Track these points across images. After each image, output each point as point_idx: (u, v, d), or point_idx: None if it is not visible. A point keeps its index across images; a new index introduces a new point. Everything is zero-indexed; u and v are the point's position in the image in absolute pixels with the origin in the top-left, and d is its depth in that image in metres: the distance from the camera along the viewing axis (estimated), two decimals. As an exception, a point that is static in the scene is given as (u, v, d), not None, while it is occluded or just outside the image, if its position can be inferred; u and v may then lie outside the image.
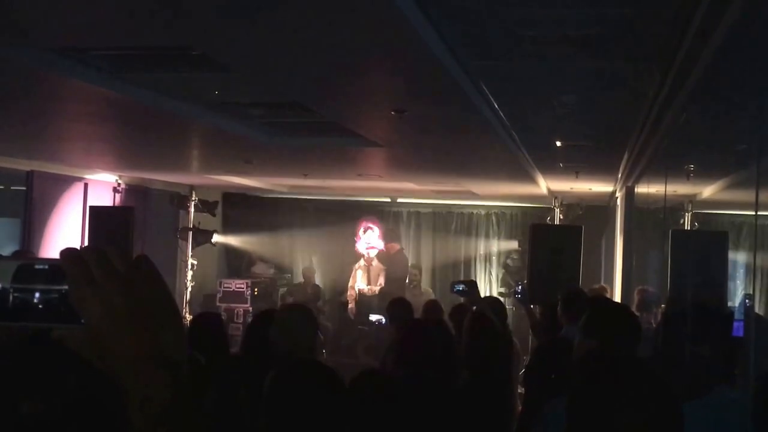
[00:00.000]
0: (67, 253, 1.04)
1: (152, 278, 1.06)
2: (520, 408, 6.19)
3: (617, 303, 6.74)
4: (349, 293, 14.03)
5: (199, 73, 5.06)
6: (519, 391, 8.32)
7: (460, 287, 7.16)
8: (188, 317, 11.46)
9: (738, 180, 8.49)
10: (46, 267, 1.06)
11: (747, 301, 8.26)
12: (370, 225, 14.38)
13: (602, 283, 10.98)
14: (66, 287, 1.04)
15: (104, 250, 1.04)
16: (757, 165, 3.62)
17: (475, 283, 7.26)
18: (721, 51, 3.42)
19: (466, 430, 3.45)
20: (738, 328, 5.70)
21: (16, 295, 1.06)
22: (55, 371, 3.10)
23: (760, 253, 12.07)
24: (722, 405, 3.53)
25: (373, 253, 14.09)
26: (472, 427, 3.51)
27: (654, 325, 7.58)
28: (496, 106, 5.87)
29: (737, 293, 11.25)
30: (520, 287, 9.54)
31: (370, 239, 14.24)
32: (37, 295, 1.06)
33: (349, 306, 13.83)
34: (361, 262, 14.25)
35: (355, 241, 14.41)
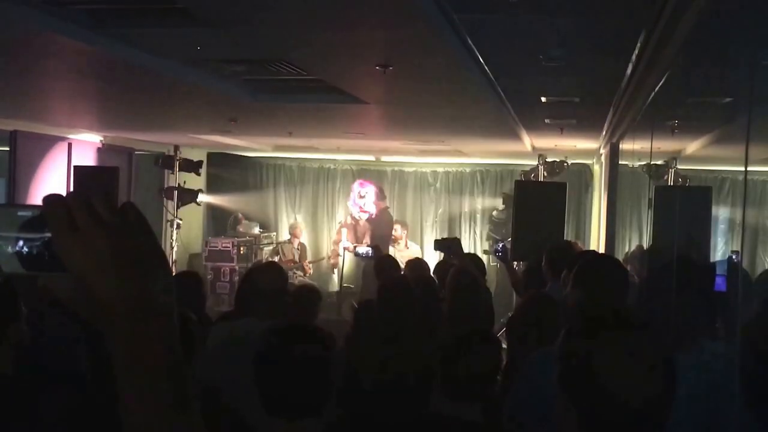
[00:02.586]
0: (50, 199, 1.01)
1: (138, 226, 1.04)
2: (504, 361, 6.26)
3: (607, 255, 6.79)
4: (332, 249, 14.02)
5: (181, 28, 4.99)
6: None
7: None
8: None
9: (722, 135, 8.50)
10: (29, 213, 1.05)
11: (734, 256, 8.33)
12: (366, 187, 14.32)
13: (576, 240, 11.05)
14: (49, 234, 1.02)
15: (88, 197, 1.02)
16: (749, 118, 3.62)
17: (459, 240, 7.29)
18: (710, 4, 3.40)
19: (447, 383, 3.47)
20: (720, 283, 5.75)
21: (-1, 243, 1.04)
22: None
23: (745, 208, 12.14)
24: (706, 358, 3.56)
25: (364, 217, 14.08)
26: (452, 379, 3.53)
27: (638, 280, 7.62)
28: (482, 60, 5.83)
29: (720, 249, 11.34)
30: (500, 245, 9.58)
31: (365, 203, 14.21)
32: (20, 242, 1.04)
33: (332, 261, 13.83)
34: (348, 219, 14.25)
35: (347, 201, 14.39)
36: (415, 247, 13.75)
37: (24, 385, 3.04)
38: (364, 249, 11.85)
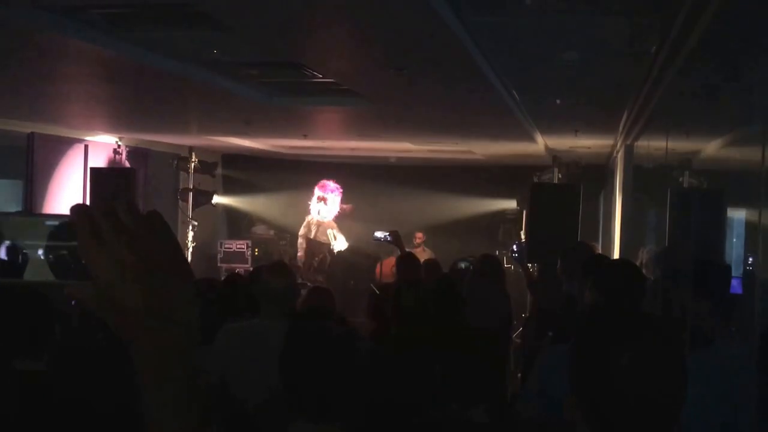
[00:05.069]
0: (77, 208, 1.03)
1: (162, 233, 1.05)
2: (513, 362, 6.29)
3: (623, 258, 6.78)
4: (299, 242, 13.54)
5: (197, 31, 5.03)
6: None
7: (381, 236, 7.45)
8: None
9: (737, 137, 8.46)
10: (56, 222, 1.06)
11: (750, 259, 8.29)
12: (327, 189, 13.83)
13: (593, 242, 11.00)
14: (76, 243, 1.03)
15: (113, 205, 1.03)
16: (766, 120, 3.62)
17: (398, 233, 7.47)
18: (725, 5, 3.40)
19: (464, 381, 3.49)
20: (735, 286, 5.73)
21: (26, 251, 1.06)
22: (42, 327, 3.14)
23: (762, 210, 12.03)
24: (721, 360, 3.56)
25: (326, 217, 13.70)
26: (469, 377, 3.54)
27: (652, 281, 7.61)
28: (497, 63, 5.83)
29: (735, 251, 11.26)
30: (516, 246, 9.59)
31: (321, 210, 13.71)
32: (47, 250, 1.06)
33: (299, 254, 13.35)
34: (313, 219, 13.73)
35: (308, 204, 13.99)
36: (428, 250, 13.71)
37: (60, 384, 3.08)
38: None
